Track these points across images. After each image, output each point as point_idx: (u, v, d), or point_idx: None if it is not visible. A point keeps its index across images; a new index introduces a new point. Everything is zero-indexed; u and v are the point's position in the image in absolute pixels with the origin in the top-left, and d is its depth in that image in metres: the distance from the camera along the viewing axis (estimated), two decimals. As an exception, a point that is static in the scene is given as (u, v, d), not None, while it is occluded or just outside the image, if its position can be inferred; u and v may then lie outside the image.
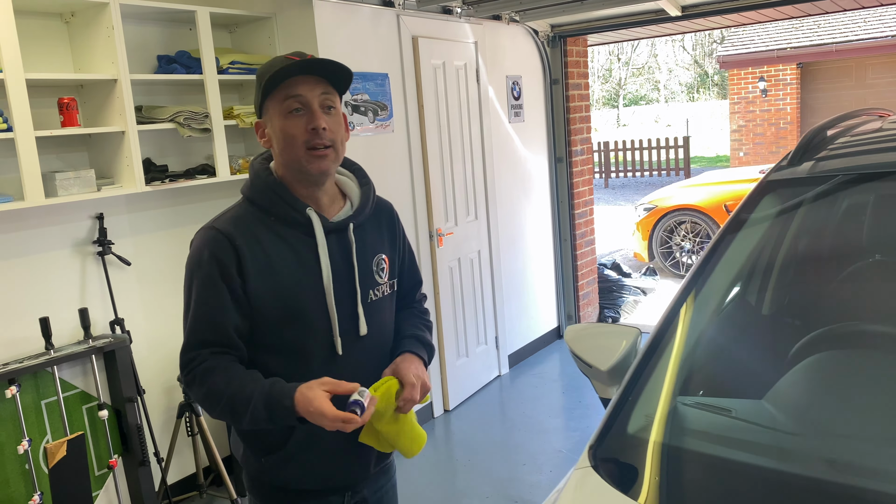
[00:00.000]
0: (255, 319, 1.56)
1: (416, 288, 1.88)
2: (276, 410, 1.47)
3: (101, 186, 3.05)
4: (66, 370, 3.10)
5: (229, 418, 1.53)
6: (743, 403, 1.55)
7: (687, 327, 1.63)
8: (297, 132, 1.54)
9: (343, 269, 1.62)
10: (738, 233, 1.74)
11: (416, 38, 4.15)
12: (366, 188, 1.73)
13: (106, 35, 3.00)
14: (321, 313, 1.59)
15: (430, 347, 1.78)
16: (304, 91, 1.53)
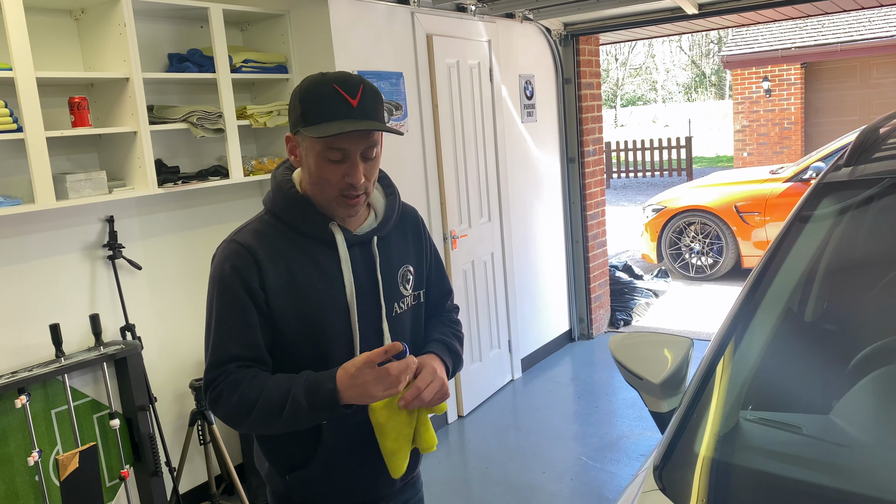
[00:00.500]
0: (278, 334, 1.50)
1: (446, 297, 1.80)
2: (317, 397, 1.40)
3: (113, 188, 2.96)
4: (77, 378, 3.01)
5: (264, 423, 1.44)
6: (810, 419, 1.47)
7: (747, 337, 1.54)
8: (332, 179, 1.47)
9: (367, 283, 1.57)
10: (797, 239, 1.66)
11: (430, 36, 4.06)
12: (391, 198, 1.66)
13: (117, 32, 2.90)
14: (344, 330, 1.53)
15: (458, 357, 1.69)
16: (348, 146, 1.44)
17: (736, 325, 1.54)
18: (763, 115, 12.63)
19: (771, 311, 1.57)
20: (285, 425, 1.43)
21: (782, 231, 1.69)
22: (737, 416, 1.47)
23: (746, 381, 1.51)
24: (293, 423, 1.43)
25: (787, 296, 1.60)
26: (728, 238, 7.05)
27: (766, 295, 1.57)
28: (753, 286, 1.59)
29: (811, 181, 6.56)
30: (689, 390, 1.47)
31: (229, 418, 1.46)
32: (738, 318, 1.55)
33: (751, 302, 1.57)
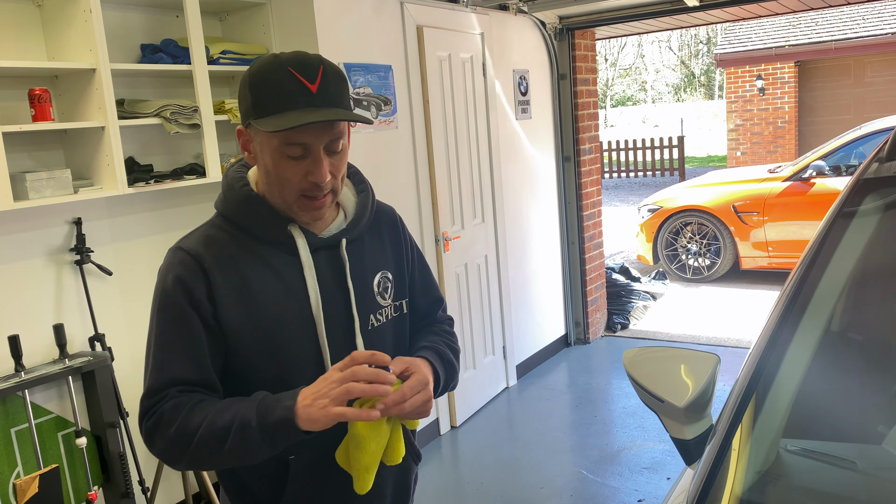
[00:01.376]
0: (231, 355, 1.28)
1: (437, 306, 1.57)
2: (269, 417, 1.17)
3: (79, 188, 2.73)
4: (39, 394, 2.78)
5: (205, 454, 1.20)
6: (860, 450, 1.28)
7: (787, 354, 1.35)
8: (293, 178, 1.26)
9: (336, 292, 1.35)
10: (839, 241, 1.47)
11: (420, 27, 3.86)
12: (363, 195, 1.44)
13: (82, 20, 2.68)
14: (311, 346, 1.31)
15: (452, 368, 1.45)
16: (310, 140, 1.23)
17: (775, 341, 1.34)
18: (756, 114, 12.50)
19: (812, 325, 1.38)
20: (231, 457, 1.19)
21: (821, 233, 1.49)
22: (777, 448, 1.27)
23: (787, 404, 1.31)
24: (241, 453, 1.19)
25: (830, 307, 1.40)
26: (726, 239, 6.89)
27: (808, 307, 1.38)
28: (792, 296, 1.39)
29: (811, 180, 6.41)
30: (724, 417, 1.27)
31: (166, 452, 1.23)
32: (777, 333, 1.35)
33: (790, 314, 1.38)
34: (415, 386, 1.25)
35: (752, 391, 1.27)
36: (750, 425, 1.26)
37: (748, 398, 1.27)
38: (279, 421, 1.17)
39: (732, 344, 5.30)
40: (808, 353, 1.35)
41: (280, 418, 1.17)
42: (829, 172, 6.43)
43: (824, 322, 1.38)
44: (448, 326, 1.57)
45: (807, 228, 6.42)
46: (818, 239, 1.50)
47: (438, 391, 1.38)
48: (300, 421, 1.15)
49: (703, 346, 5.30)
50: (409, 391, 1.23)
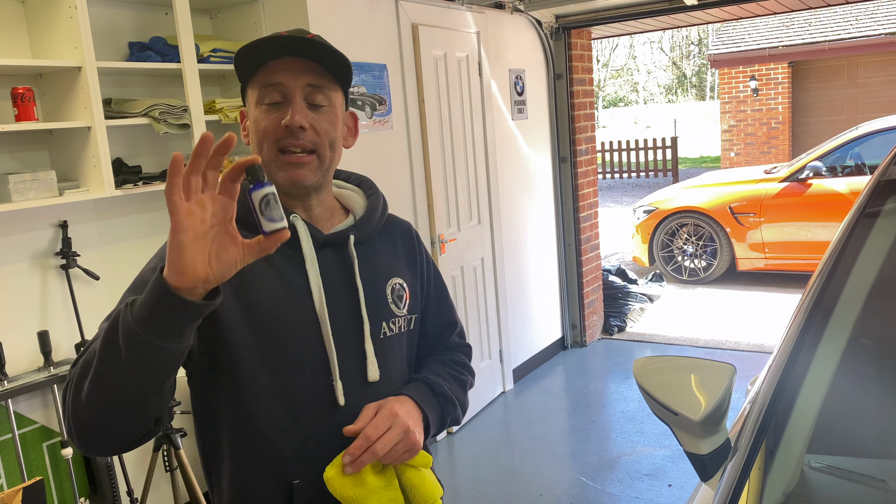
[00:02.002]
0: (222, 351, 1.15)
1: (451, 329, 1.45)
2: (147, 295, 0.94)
3: (64, 190, 2.65)
4: (23, 403, 2.69)
5: (102, 374, 0.96)
6: (888, 466, 1.21)
7: (812, 364, 1.28)
8: (268, 127, 1.18)
9: (343, 292, 1.23)
10: (861, 245, 1.40)
11: (415, 25, 3.78)
12: (373, 198, 1.35)
13: (68, 16, 2.59)
14: (315, 350, 1.19)
15: (449, 402, 1.31)
16: (284, 79, 1.17)
17: (798, 351, 1.27)
18: (750, 115, 12.48)
19: (837, 334, 1.31)
20: (126, 365, 0.95)
21: (842, 237, 1.43)
22: (801, 464, 1.20)
23: (811, 418, 1.24)
24: (130, 351, 0.94)
25: (854, 314, 1.33)
26: (722, 240, 6.84)
27: (832, 315, 1.31)
28: (815, 304, 1.33)
29: (808, 181, 6.36)
30: (746, 434, 1.20)
31: (75, 397, 1.00)
32: (800, 343, 1.28)
33: (813, 322, 1.31)
34: (380, 424, 1.14)
35: (774, 407, 1.20)
36: (773, 441, 1.19)
37: (771, 414, 1.20)
38: (153, 287, 0.94)
39: (731, 347, 5.24)
40: (832, 364, 1.28)
41: (153, 285, 0.94)
42: (825, 173, 6.39)
43: (849, 330, 1.32)
44: (460, 355, 1.44)
45: (803, 230, 6.38)
46: (839, 244, 1.43)
47: (433, 426, 1.26)
48: (168, 276, 0.93)
49: (702, 348, 5.24)
50: (372, 432, 1.13)
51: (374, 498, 1.14)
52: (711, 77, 32.61)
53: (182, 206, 0.90)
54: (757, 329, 5.57)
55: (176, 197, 0.90)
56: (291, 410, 1.18)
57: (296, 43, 1.17)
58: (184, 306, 0.93)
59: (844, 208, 6.11)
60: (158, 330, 0.93)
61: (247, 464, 1.19)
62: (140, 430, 1.03)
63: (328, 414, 1.19)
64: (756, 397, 1.30)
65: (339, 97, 1.25)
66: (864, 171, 6.34)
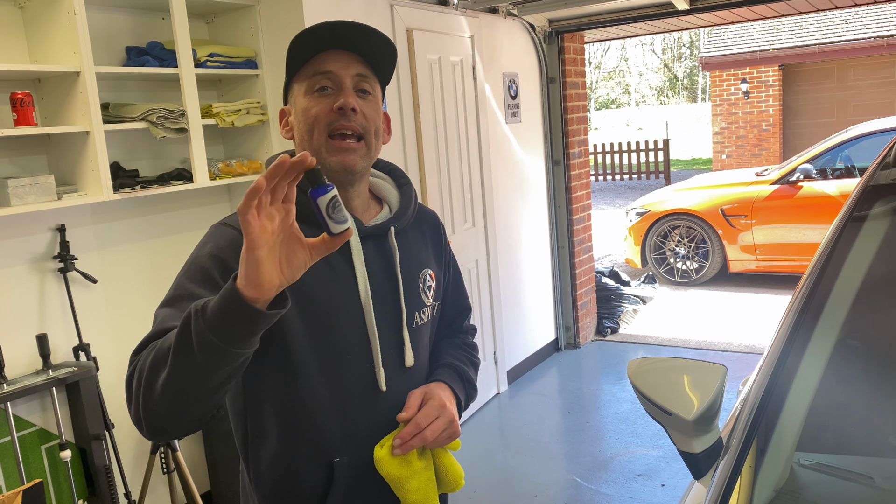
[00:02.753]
0: (273, 339, 1.19)
1: (464, 315, 1.55)
2: (221, 305, 0.97)
3: (63, 194, 2.66)
4: (22, 406, 2.70)
5: (180, 379, 1.01)
6: (877, 465, 1.25)
7: (802, 364, 1.31)
8: (320, 112, 1.23)
9: (384, 283, 1.30)
10: (849, 249, 1.44)
11: (410, 30, 3.82)
12: (406, 188, 1.41)
13: (66, 22, 2.61)
14: (359, 338, 1.26)
15: (472, 387, 1.43)
16: (335, 68, 1.24)
17: (787, 351, 1.31)
18: (741, 117, 12.56)
19: (825, 334, 1.35)
20: (203, 370, 0.99)
21: (830, 241, 1.47)
22: (791, 462, 1.24)
23: (801, 417, 1.28)
24: (206, 356, 0.98)
25: (842, 315, 1.37)
26: (714, 242, 6.89)
27: (821, 315, 1.35)
28: (804, 305, 1.36)
29: (799, 183, 6.42)
30: (737, 433, 1.24)
31: (146, 395, 1.04)
32: (790, 343, 1.32)
33: (802, 323, 1.35)
34: (429, 413, 1.24)
35: (765, 406, 1.24)
36: (763, 439, 1.23)
37: (762, 414, 1.24)
38: (225, 295, 0.98)
39: (723, 348, 5.29)
40: (821, 363, 1.32)
41: (225, 292, 0.98)
42: (816, 176, 6.45)
43: (837, 331, 1.35)
44: (471, 337, 1.54)
45: (794, 231, 6.44)
46: (827, 247, 1.47)
47: (460, 411, 1.36)
48: (244, 288, 0.97)
49: (694, 349, 5.29)
50: (423, 420, 1.23)
51: (416, 478, 1.24)
52: (703, 79, 32.76)
53: (256, 224, 0.94)
54: (748, 330, 5.62)
55: (250, 216, 0.93)
56: (336, 394, 1.25)
57: (349, 30, 1.23)
58: (259, 317, 0.97)
59: (834, 210, 6.17)
60: (234, 339, 0.97)
61: (292, 442, 1.25)
62: (206, 416, 1.08)
63: (370, 398, 1.27)
64: (747, 397, 1.34)
65: (379, 91, 1.32)
66: (853, 174, 6.41)
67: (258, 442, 1.27)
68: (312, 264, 1.06)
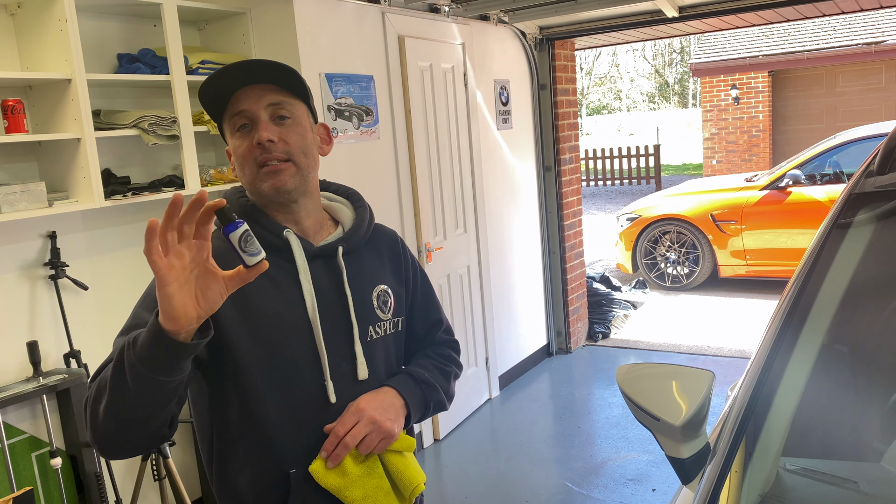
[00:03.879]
0: (225, 357, 1.26)
1: (436, 328, 1.56)
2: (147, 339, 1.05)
3: (54, 201, 2.66)
4: (12, 413, 2.70)
5: (117, 406, 1.08)
6: (860, 469, 1.26)
7: (786, 370, 1.33)
8: (245, 150, 1.30)
9: (334, 300, 1.35)
10: (833, 257, 1.46)
11: (402, 37, 3.83)
12: (360, 210, 1.46)
13: (58, 29, 2.62)
14: (308, 352, 1.31)
15: (431, 387, 1.43)
16: (247, 105, 1.28)
17: (773, 357, 1.32)
18: (732, 123, 12.64)
19: (810, 340, 1.37)
20: (134, 395, 1.06)
21: (815, 248, 1.49)
22: (776, 467, 1.26)
23: (786, 422, 1.30)
24: (136, 384, 1.06)
25: (826, 322, 1.39)
26: (704, 247, 6.93)
27: (805, 322, 1.37)
28: (789, 312, 1.38)
29: (788, 189, 6.47)
30: (724, 438, 1.25)
31: (93, 415, 1.12)
32: (775, 349, 1.33)
33: (787, 329, 1.36)
34: (347, 420, 1.28)
35: (751, 411, 1.26)
36: (750, 444, 1.24)
37: (748, 419, 1.25)
38: (149, 331, 1.05)
39: (713, 353, 5.32)
40: (806, 369, 1.34)
41: (149, 328, 1.05)
42: (804, 181, 6.50)
43: (821, 337, 1.37)
44: (446, 349, 1.55)
45: (784, 237, 6.49)
46: (812, 253, 1.49)
47: (416, 411, 1.38)
48: (163, 322, 1.03)
49: (685, 354, 5.31)
50: (340, 428, 1.27)
51: (358, 485, 1.28)
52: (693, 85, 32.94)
53: (162, 263, 1.00)
54: (738, 335, 5.65)
55: (155, 256, 0.99)
56: (289, 408, 1.30)
57: (250, 67, 1.28)
58: (180, 348, 1.05)
59: (823, 216, 6.20)
60: (159, 368, 1.05)
61: (251, 456, 1.30)
62: (153, 437, 1.15)
63: (322, 410, 1.31)
64: (734, 402, 1.36)
65: (302, 109, 1.35)
66: (842, 180, 6.46)
67: (222, 458, 1.33)
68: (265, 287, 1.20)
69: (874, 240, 1.50)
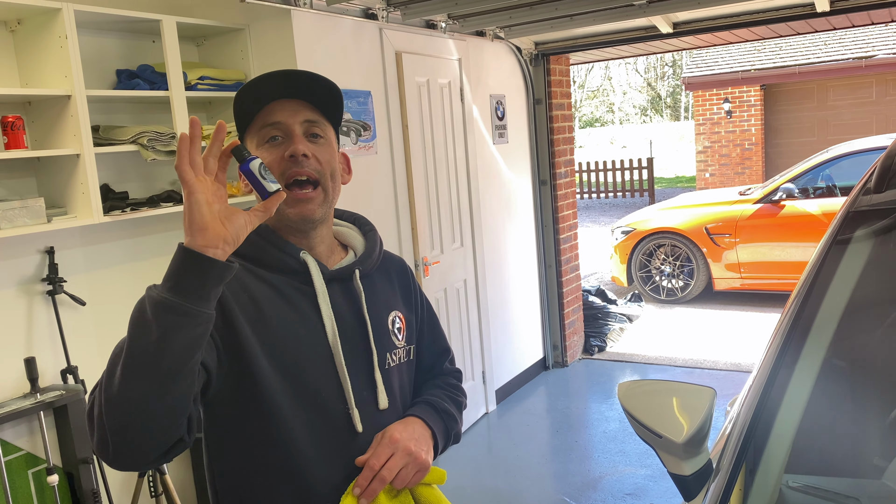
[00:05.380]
0: (247, 381, 1.20)
1: (444, 357, 1.54)
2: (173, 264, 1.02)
3: (52, 217, 2.66)
4: (9, 430, 2.68)
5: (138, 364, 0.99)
6: (862, 486, 1.27)
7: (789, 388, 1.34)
8: (273, 162, 1.25)
9: (353, 324, 1.30)
10: (832, 274, 1.47)
11: (399, 53, 3.86)
12: (371, 234, 1.43)
13: (58, 45, 2.63)
14: (329, 380, 1.25)
15: (451, 417, 1.40)
16: (283, 117, 1.26)
17: (775, 374, 1.34)
18: (724, 136, 12.73)
19: (811, 357, 1.38)
20: (157, 336, 0.99)
21: (815, 265, 1.50)
22: (779, 484, 1.26)
23: (789, 439, 1.31)
24: (161, 320, 0.99)
25: (827, 339, 1.40)
26: (699, 260, 6.96)
27: (806, 339, 1.38)
28: (790, 329, 1.39)
29: (781, 202, 6.52)
30: (727, 455, 1.26)
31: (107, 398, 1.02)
32: (778, 364, 1.35)
33: (789, 346, 1.38)
34: (382, 453, 1.22)
35: (754, 428, 1.26)
36: (752, 461, 1.25)
37: (751, 436, 1.26)
38: (178, 260, 1.02)
39: (709, 366, 5.33)
40: (808, 385, 1.35)
41: (177, 258, 1.03)
42: (798, 195, 6.55)
43: (823, 353, 1.39)
44: (454, 379, 1.52)
45: (778, 250, 6.52)
46: (813, 269, 1.50)
47: (441, 441, 1.35)
48: (191, 239, 1.02)
49: (681, 368, 5.32)
50: (375, 462, 1.21)
51: None
52: (686, 98, 33.15)
53: (190, 174, 1.04)
54: (734, 348, 5.67)
55: (185, 166, 1.04)
56: (314, 437, 1.24)
57: (290, 80, 1.26)
58: (210, 264, 1.02)
59: (816, 229, 6.26)
60: (188, 291, 1.00)
61: (275, 489, 1.23)
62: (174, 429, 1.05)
63: (348, 440, 1.26)
64: (736, 418, 1.36)
65: (332, 133, 1.34)
66: (835, 193, 6.51)
67: (238, 487, 1.26)
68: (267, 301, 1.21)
69: (873, 256, 1.51)
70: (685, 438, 1.44)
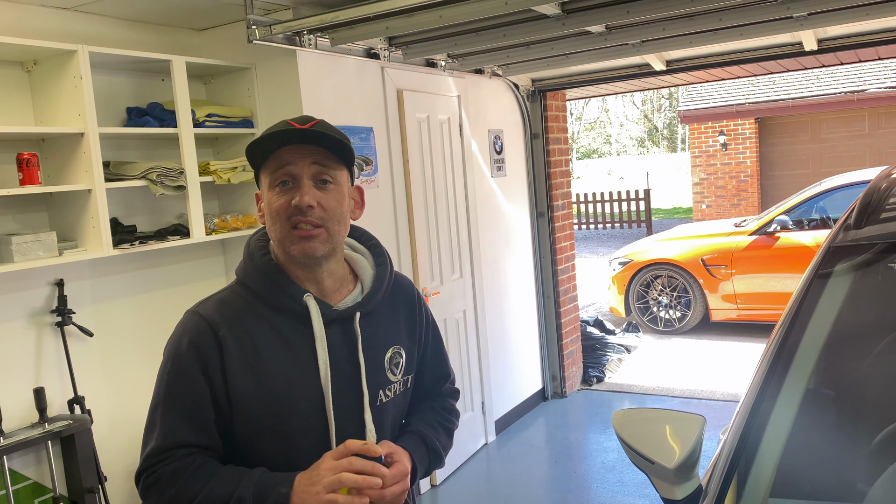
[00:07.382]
0: (237, 423, 1.32)
1: (443, 381, 1.60)
2: (265, 499, 1.22)
3: (63, 250, 2.75)
4: (17, 459, 2.73)
5: None
6: (844, 509, 1.34)
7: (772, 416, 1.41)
8: (280, 207, 1.32)
9: (347, 366, 1.37)
10: (813, 308, 1.55)
11: (400, 91, 3.98)
12: (381, 268, 1.49)
13: (72, 85, 2.73)
14: (316, 419, 1.33)
15: (436, 456, 1.49)
16: (292, 163, 1.31)
17: (760, 401, 1.40)
18: (720, 168, 12.88)
19: (795, 385, 1.45)
20: None
21: (798, 297, 1.58)
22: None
23: (774, 464, 1.37)
24: None
25: (810, 367, 1.47)
26: (696, 291, 7.03)
27: (790, 367, 1.45)
28: (774, 358, 1.47)
29: (776, 234, 6.61)
30: (714, 480, 1.32)
31: None
32: (763, 392, 1.41)
33: (773, 374, 1.45)
34: (395, 476, 1.30)
35: (740, 454, 1.33)
36: (739, 485, 1.31)
37: (737, 461, 1.33)
38: None
39: (706, 396, 5.37)
40: (792, 412, 1.42)
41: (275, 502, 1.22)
42: (792, 227, 6.65)
43: (806, 381, 1.46)
44: (449, 401, 1.59)
45: (773, 281, 6.60)
46: (795, 303, 1.58)
47: (417, 477, 1.41)
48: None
49: (678, 398, 5.36)
50: (389, 480, 1.28)
51: None
52: (682, 130, 33.47)
53: None
54: (731, 379, 5.71)
55: None
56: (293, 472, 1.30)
57: (301, 133, 1.32)
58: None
59: (811, 260, 6.33)
60: None
61: None
62: None
63: None
64: (724, 444, 1.43)
65: (344, 175, 1.40)
66: (829, 225, 6.61)
67: None
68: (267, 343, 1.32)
69: (853, 290, 1.59)
70: (676, 464, 1.51)
